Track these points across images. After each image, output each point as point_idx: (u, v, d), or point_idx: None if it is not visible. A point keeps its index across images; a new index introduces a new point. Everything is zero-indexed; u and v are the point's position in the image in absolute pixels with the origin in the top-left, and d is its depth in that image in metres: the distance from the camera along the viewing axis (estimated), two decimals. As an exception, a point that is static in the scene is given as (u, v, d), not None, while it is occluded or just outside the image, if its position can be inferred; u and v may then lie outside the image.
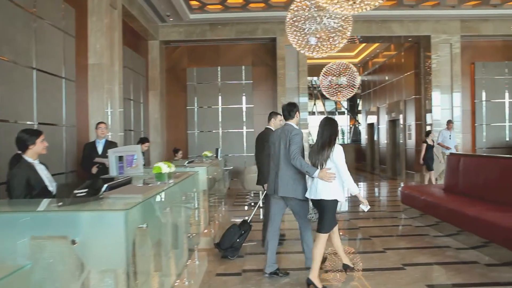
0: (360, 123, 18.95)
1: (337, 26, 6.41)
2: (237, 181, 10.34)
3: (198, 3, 9.44)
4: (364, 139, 17.16)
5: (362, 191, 10.59)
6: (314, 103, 20.07)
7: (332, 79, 13.29)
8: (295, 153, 3.70)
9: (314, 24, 6.63)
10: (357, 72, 13.42)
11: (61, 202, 2.10)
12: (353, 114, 20.95)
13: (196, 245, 4.31)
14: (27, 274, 1.49)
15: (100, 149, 5.48)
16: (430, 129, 9.98)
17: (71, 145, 6.09)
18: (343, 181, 3.60)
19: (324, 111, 20.93)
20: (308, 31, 6.85)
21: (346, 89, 13.46)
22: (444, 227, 5.49)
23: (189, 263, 3.92)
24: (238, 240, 4.58)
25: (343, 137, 20.98)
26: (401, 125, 12.77)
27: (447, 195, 5.97)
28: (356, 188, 3.69)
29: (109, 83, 6.98)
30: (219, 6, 9.71)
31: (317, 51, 6.83)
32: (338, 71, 13.23)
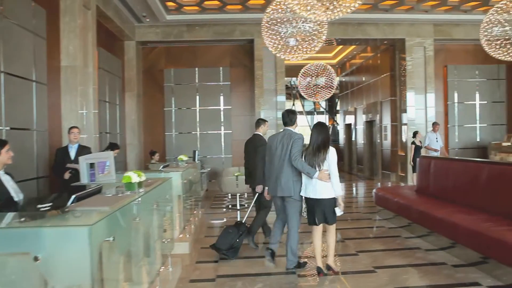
0: (339, 123, 19.19)
1: (312, 30, 6.48)
2: (215, 183, 10.33)
3: (174, 4, 9.37)
4: (342, 139, 17.40)
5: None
6: (293, 103, 20.19)
7: (310, 80, 13.39)
8: (296, 155, 4.05)
9: (290, 27, 6.67)
10: (335, 74, 13.57)
11: (24, 218, 2.06)
12: (331, 114, 21.19)
13: (170, 251, 4.29)
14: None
15: (73, 154, 5.40)
16: (417, 130, 9.93)
17: (43, 149, 5.96)
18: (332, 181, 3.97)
19: (303, 111, 21.09)
20: (285, 34, 6.89)
21: (324, 90, 13.59)
22: (416, 229, 5.64)
23: (162, 270, 3.90)
24: (237, 241, 4.75)
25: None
26: (377, 125, 13.01)
27: (418, 197, 6.13)
28: (341, 191, 4.05)
29: (83, 85, 6.85)
30: (196, 8, 9.66)
31: (292, 54, 6.88)
32: (316, 72, 13.34)
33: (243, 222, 5.03)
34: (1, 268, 1.91)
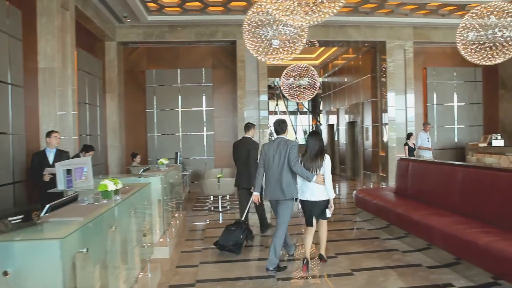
0: (322, 123, 19.34)
1: (292, 34, 6.52)
2: (197, 184, 10.29)
3: (156, 5, 9.29)
4: (325, 139, 17.54)
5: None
6: (276, 103, 20.28)
7: (293, 81, 13.45)
8: (295, 161, 4.38)
9: (270, 30, 6.70)
10: (317, 75, 13.66)
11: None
12: (314, 114, 21.34)
13: (149, 256, 4.27)
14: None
15: (51, 159, 5.32)
16: (411, 132, 10.08)
17: (20, 153, 5.84)
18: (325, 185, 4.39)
19: (286, 111, 21.19)
20: (266, 37, 6.91)
21: (306, 91, 13.67)
22: (394, 230, 5.75)
23: (141, 276, 3.88)
24: (241, 237, 5.06)
25: (305, 136, 21.33)
26: (359, 126, 13.18)
27: (397, 199, 6.24)
28: (333, 194, 4.44)
29: (61, 87, 6.74)
30: (177, 9, 9.60)
31: (273, 57, 6.91)
32: (299, 73, 13.40)
33: (242, 220, 5.35)
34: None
